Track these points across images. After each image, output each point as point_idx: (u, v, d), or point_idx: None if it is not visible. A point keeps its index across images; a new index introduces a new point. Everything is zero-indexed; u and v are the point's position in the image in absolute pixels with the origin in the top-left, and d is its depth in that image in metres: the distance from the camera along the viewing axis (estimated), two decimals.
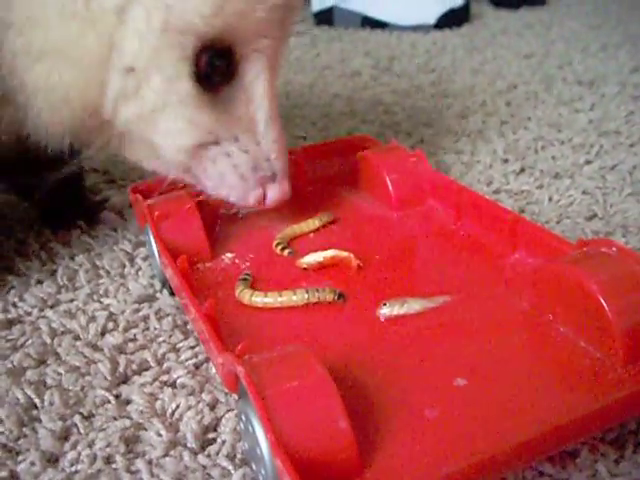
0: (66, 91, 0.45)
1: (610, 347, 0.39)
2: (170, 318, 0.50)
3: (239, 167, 0.50)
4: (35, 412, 0.42)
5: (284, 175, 0.52)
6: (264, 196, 0.52)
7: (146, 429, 0.40)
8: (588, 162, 0.76)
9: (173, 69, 0.45)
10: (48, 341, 0.49)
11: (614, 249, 0.42)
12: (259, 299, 0.48)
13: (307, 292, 0.47)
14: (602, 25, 1.47)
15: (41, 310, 0.53)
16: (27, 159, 0.55)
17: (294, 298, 0.47)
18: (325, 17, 1.56)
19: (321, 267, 0.51)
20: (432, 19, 1.46)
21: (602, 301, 0.39)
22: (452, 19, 1.48)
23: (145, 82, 0.45)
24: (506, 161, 0.77)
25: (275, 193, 0.52)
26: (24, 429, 0.41)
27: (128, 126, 0.47)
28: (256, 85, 0.49)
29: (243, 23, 0.46)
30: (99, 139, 0.49)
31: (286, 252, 0.54)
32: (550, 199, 0.68)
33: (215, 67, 0.46)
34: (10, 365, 0.46)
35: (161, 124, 0.46)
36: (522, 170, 0.75)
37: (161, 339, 0.48)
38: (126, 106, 0.46)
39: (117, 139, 0.49)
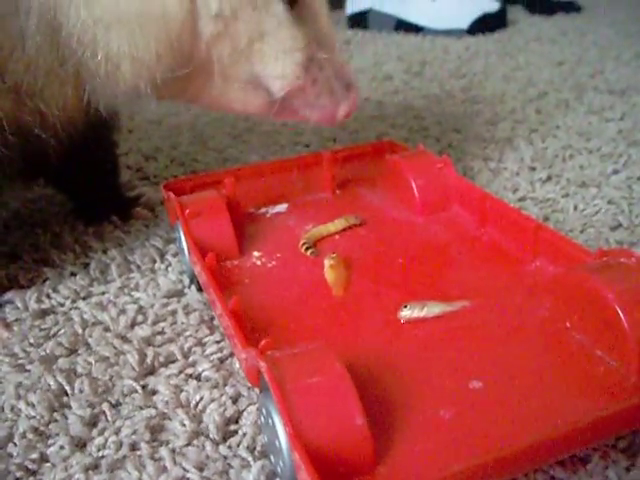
0: (156, 51, 0.46)
1: (625, 356, 0.39)
2: (197, 313, 0.52)
3: (330, 79, 0.53)
4: (65, 399, 0.44)
5: (355, 82, 0.56)
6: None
7: (170, 419, 0.42)
8: (615, 172, 0.76)
9: None
10: (79, 331, 0.51)
11: (633, 259, 0.43)
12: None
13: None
14: (637, 33, 1.46)
15: (73, 301, 0.55)
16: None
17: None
18: (359, 20, 1.57)
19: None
20: (465, 24, 1.46)
21: (618, 311, 0.39)
22: (486, 24, 1.48)
23: (235, 20, 0.48)
24: (533, 169, 0.78)
25: (353, 102, 0.55)
26: (55, 414, 0.43)
27: (226, 65, 0.50)
28: (315, 1, 0.53)
29: None
30: (190, 87, 0.51)
31: (309, 252, 0.55)
32: (575, 208, 0.68)
33: None
34: (43, 353, 0.48)
35: (263, 53, 0.50)
36: (549, 178, 0.75)
37: (188, 333, 0.50)
38: (222, 47, 0.48)
39: (209, 83, 0.51)
